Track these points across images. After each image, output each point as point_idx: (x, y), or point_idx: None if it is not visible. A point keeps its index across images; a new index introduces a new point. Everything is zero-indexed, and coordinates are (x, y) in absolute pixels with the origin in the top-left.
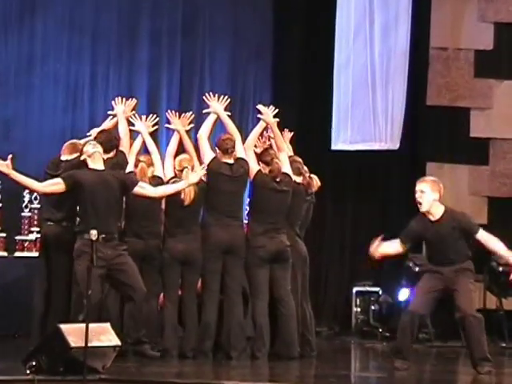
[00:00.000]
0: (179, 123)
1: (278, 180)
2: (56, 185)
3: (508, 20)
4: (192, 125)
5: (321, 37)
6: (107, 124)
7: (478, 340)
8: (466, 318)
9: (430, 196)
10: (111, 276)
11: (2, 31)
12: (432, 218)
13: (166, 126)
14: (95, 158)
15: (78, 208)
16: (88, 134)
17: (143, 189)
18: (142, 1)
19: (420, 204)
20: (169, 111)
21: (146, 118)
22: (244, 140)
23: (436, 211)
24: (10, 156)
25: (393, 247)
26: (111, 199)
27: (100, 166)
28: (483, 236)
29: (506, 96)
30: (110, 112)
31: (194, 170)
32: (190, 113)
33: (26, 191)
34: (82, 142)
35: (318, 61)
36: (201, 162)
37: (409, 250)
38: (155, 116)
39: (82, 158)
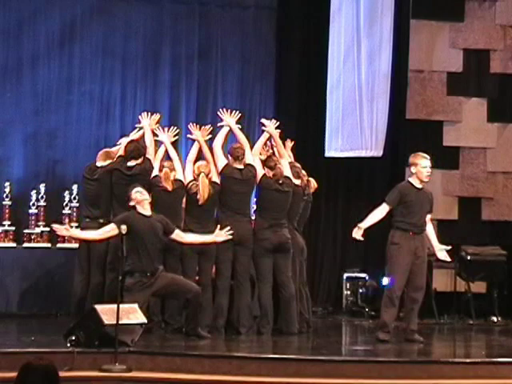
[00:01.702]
0: (199, 134)
1: (280, 182)
2: (111, 231)
3: (475, 47)
4: (210, 135)
5: (315, 60)
6: (135, 135)
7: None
8: (420, 296)
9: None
10: (159, 293)
11: (45, 56)
12: (419, 186)
13: (188, 136)
14: (144, 204)
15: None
16: (117, 142)
17: (177, 235)
18: (163, 30)
19: (429, 176)
20: (191, 124)
21: (168, 129)
22: (251, 148)
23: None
24: (67, 220)
25: (379, 215)
26: (156, 242)
27: (147, 211)
28: (429, 216)
29: (473, 111)
30: (137, 125)
31: (210, 175)
32: (209, 125)
33: (66, 192)
34: (114, 149)
35: (314, 81)
36: (216, 168)
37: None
38: (176, 128)
39: (130, 203)
